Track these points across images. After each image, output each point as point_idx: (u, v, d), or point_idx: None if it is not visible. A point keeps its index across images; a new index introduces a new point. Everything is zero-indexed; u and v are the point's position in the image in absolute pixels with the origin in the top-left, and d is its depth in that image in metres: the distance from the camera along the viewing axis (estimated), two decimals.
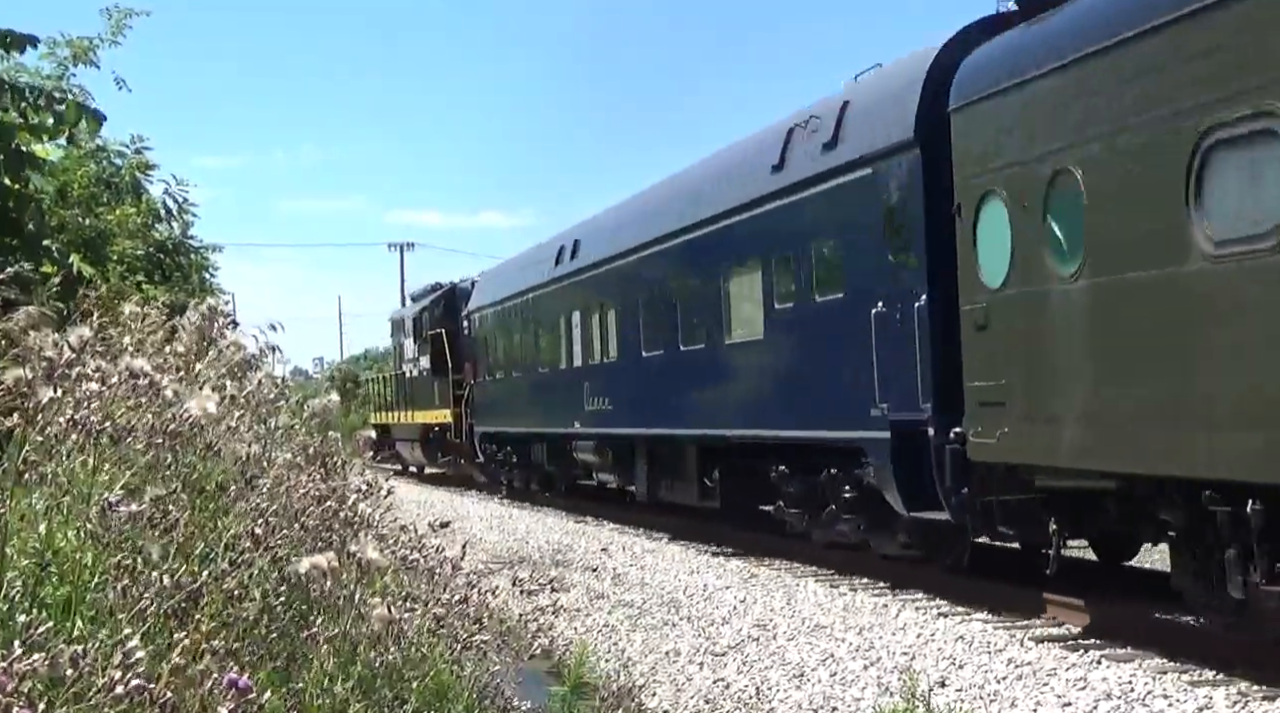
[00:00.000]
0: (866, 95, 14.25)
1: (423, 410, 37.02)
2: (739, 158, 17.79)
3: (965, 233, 11.68)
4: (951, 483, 11.94)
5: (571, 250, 24.74)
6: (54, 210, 12.29)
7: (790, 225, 15.41)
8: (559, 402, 25.00)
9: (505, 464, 30.33)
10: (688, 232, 18.70)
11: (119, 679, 2.85)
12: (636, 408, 20.95)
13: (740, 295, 17.04)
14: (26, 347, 3.72)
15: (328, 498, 5.00)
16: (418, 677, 4.99)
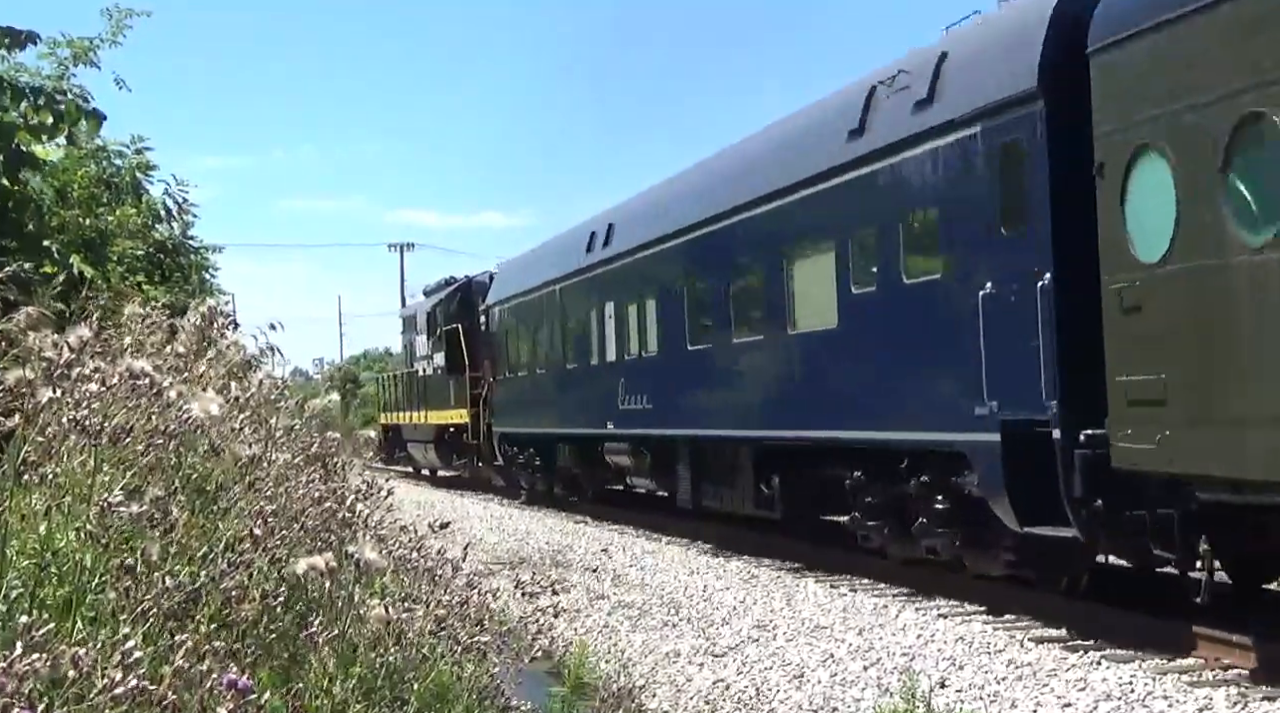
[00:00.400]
0: (969, 45, 12.54)
1: (437, 410, 35.39)
2: (805, 126, 15.90)
3: (1109, 197, 9.92)
4: (1083, 494, 10.28)
5: (604, 237, 22.78)
6: (54, 211, 12.28)
7: (872, 198, 13.60)
8: (589, 401, 23.24)
9: (527, 467, 28.25)
10: (741, 211, 16.86)
11: (119, 680, 2.85)
12: (680, 407, 19.12)
13: (808, 279, 15.17)
14: (26, 347, 3.72)
15: (327, 499, 5.00)
16: (418, 678, 4.99)
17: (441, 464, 36.87)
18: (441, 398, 34.69)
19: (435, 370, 35.52)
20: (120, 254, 13.84)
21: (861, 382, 13.98)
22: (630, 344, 21.46)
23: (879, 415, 13.51)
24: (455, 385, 33.11)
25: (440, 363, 34.57)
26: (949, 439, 12.18)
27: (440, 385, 34.87)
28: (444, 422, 34.56)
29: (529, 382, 27.45)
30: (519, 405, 28.26)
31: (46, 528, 3.87)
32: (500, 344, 29.58)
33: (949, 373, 12.14)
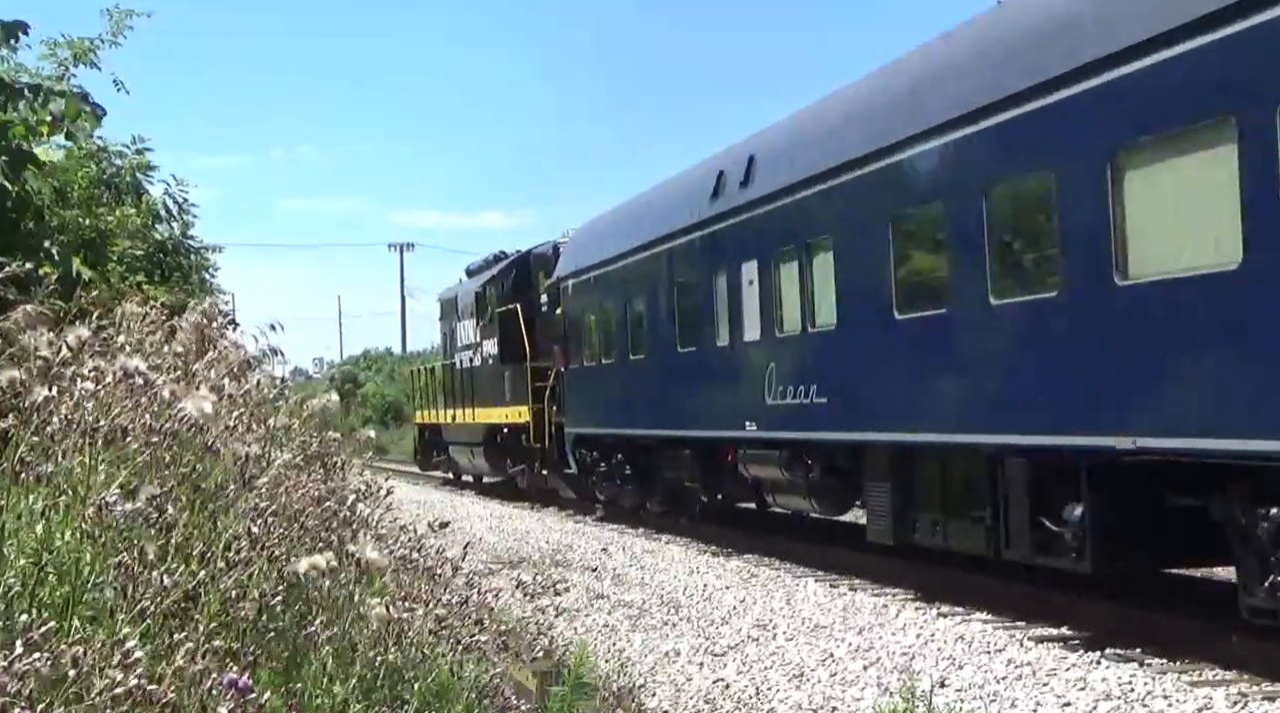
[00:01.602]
0: None
1: (487, 407, 29.65)
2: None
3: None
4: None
5: (741, 176, 16.83)
6: (54, 211, 12.29)
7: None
8: (714, 394, 17.76)
9: (611, 477, 22.64)
10: (1025, 100, 10.91)
11: (118, 680, 2.85)
12: (877, 401, 13.64)
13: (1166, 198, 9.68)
14: (22, 346, 3.71)
15: (327, 498, 5.00)
16: (418, 677, 4.98)
17: (491, 470, 30.97)
18: (493, 393, 29.06)
19: (485, 360, 30.06)
20: (120, 254, 13.84)
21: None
22: (785, 316, 15.74)
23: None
24: (512, 378, 27.62)
25: (492, 351, 29.25)
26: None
27: (492, 378, 29.31)
28: (497, 421, 28.91)
29: (617, 371, 21.57)
30: (601, 401, 22.59)
31: (44, 527, 3.87)
32: (574, 326, 23.65)
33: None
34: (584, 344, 23.36)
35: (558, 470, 25.48)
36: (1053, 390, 10.80)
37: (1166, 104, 9.42)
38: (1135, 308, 9.79)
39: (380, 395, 69.15)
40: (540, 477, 27.04)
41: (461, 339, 32.95)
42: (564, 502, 26.29)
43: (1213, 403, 9.17)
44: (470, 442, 31.66)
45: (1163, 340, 9.56)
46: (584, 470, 23.88)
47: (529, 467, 27.59)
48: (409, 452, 54.60)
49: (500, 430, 28.98)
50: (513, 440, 28.14)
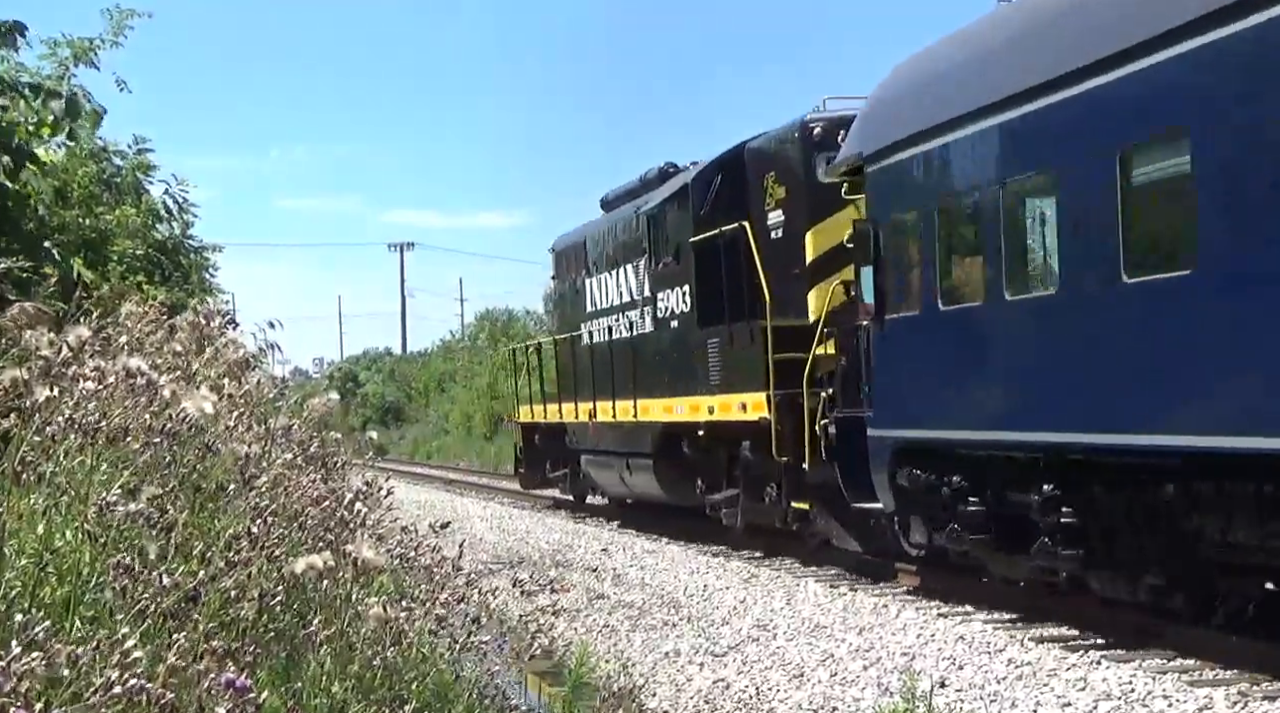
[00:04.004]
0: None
1: (667, 397, 19.05)
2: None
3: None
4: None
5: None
6: (54, 211, 12.30)
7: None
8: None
9: (981, 526, 11.85)
10: None
11: (117, 679, 2.85)
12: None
13: None
14: (23, 346, 3.72)
15: (326, 498, 5.00)
16: (417, 677, 4.99)
17: (668, 495, 19.81)
18: (680, 374, 18.51)
19: (663, 324, 19.34)
20: (120, 254, 13.85)
21: None
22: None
23: None
24: (726, 349, 17.11)
25: (677, 308, 18.74)
26: None
27: (678, 351, 18.74)
28: (686, 418, 18.38)
29: (997, 321, 11.53)
30: (959, 378, 12.20)
31: (45, 527, 3.88)
32: (891, 245, 13.21)
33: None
34: (915, 276, 12.84)
35: (825, 503, 15.04)
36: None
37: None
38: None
39: (380, 395, 69.15)
40: (785, 511, 15.84)
41: (599, 299, 22.48)
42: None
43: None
44: (627, 451, 20.89)
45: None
46: (912, 505, 13.00)
47: (756, 494, 16.59)
48: (411, 452, 54.95)
49: (695, 432, 18.12)
50: (723, 449, 17.57)
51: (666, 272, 19.14)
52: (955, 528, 12.07)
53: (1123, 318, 9.91)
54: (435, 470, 43.62)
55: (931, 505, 12.61)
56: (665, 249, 19.19)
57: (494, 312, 65.21)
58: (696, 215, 18.05)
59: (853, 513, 14.47)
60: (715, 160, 18.33)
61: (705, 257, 17.64)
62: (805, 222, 16.00)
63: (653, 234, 19.61)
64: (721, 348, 17.25)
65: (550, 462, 25.77)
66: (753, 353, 16.15)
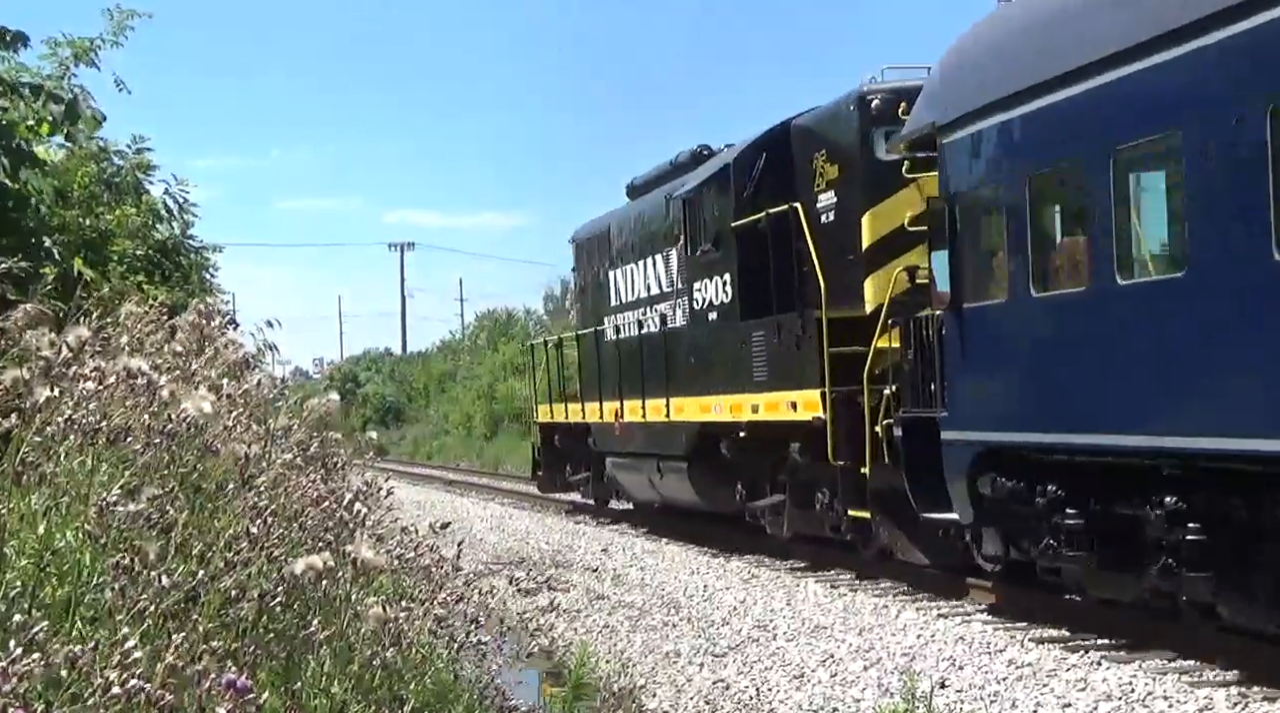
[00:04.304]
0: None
1: (705, 395, 17.65)
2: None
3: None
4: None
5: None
6: (54, 211, 12.29)
7: None
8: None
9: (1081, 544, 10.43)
10: None
11: (116, 680, 2.85)
12: None
13: None
14: (24, 346, 3.72)
15: (326, 499, 5.00)
16: (416, 677, 4.99)
17: (703, 501, 18.46)
18: (721, 370, 17.11)
19: (701, 316, 17.87)
20: (120, 254, 13.85)
21: None
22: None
23: None
24: (773, 342, 15.75)
25: (716, 299, 17.30)
26: None
27: (719, 345, 17.28)
28: (726, 418, 16.96)
29: (1104, 310, 10.05)
30: (1056, 374, 10.65)
31: (45, 528, 3.88)
32: (968, 223, 11.85)
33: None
34: (1002, 259, 11.34)
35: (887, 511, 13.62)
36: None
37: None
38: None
39: (380, 396, 69.14)
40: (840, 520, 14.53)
41: (625, 292, 21.09)
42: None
43: None
44: (658, 453, 19.40)
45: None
46: (993, 517, 11.55)
47: (804, 500, 15.39)
48: (411, 452, 54.97)
49: (731, 434, 16.88)
50: (753, 451, 16.47)
51: (704, 260, 17.61)
52: (1051, 543, 10.54)
53: (1272, 301, 8.42)
54: (435, 471, 43.62)
55: (1020, 518, 11.05)
56: (703, 236, 17.68)
57: (494, 312, 65.28)
58: (739, 198, 16.56)
59: (920, 523, 12.89)
60: (757, 139, 16.80)
61: (749, 243, 16.21)
62: (862, 203, 14.48)
63: (689, 220, 18.05)
64: (768, 342, 15.80)
65: (570, 464, 24.36)
66: (804, 347, 14.82)
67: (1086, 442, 10.22)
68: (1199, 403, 9.16)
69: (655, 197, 20.10)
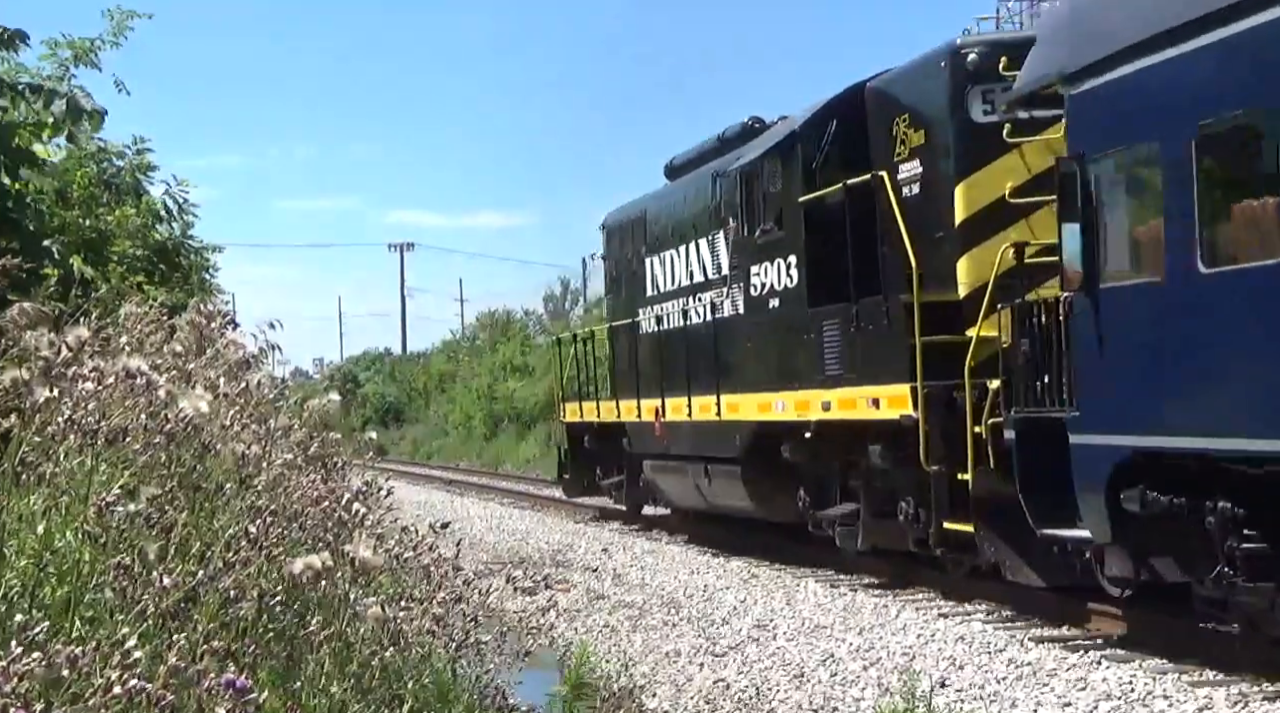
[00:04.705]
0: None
1: (764, 391, 15.82)
2: None
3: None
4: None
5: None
6: (55, 211, 12.29)
7: None
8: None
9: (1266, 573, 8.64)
10: None
11: (116, 680, 2.85)
12: None
13: None
14: (23, 346, 3.72)
15: (325, 498, 5.00)
16: (415, 677, 4.99)
17: (764, 510, 16.67)
18: (786, 363, 15.31)
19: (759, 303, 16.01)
20: (120, 254, 13.85)
21: None
22: None
23: None
24: (857, 329, 13.79)
25: (779, 284, 15.46)
26: None
27: (786, 334, 15.39)
28: (791, 416, 15.14)
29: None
30: (1237, 369, 8.78)
31: (45, 528, 3.88)
32: (1120, 198, 10.14)
33: None
34: (1155, 230, 9.56)
35: (993, 524, 11.75)
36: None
37: None
38: None
39: (380, 396, 69.13)
40: (932, 532, 12.70)
41: (664, 280, 19.39)
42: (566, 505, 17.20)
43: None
44: (706, 456, 17.60)
45: None
46: (1142, 536, 9.73)
47: (882, 509, 13.72)
48: (411, 452, 54.97)
49: (795, 434, 15.09)
50: (822, 454, 14.76)
51: (764, 241, 15.75)
52: (1226, 571, 8.77)
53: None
54: (435, 471, 43.61)
55: (1181, 537, 9.26)
56: (762, 214, 15.82)
57: (494, 312, 65.27)
58: (808, 171, 14.83)
59: (1035, 539, 10.91)
60: (826, 105, 15.06)
61: (819, 220, 14.52)
62: (955, 172, 12.76)
63: (746, 197, 16.18)
64: (843, 331, 13.94)
65: (601, 467, 22.50)
66: (890, 336, 13.04)
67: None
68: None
69: (699, 176, 18.45)
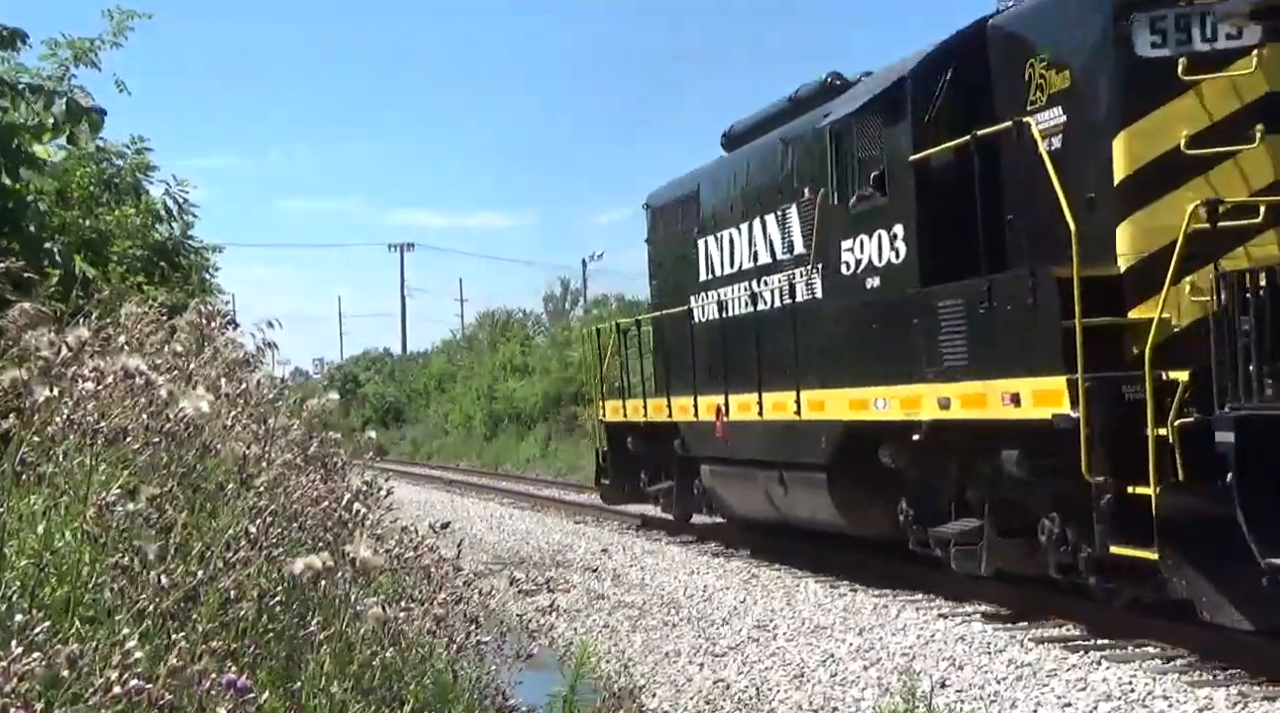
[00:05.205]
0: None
1: (859, 385, 13.45)
2: None
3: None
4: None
5: None
6: (55, 211, 12.29)
7: None
8: None
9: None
10: None
11: (116, 680, 2.85)
12: None
13: None
14: (23, 346, 3.72)
15: (325, 498, 5.00)
16: (416, 677, 4.99)
17: (855, 524, 14.50)
18: (889, 352, 12.96)
19: (858, 280, 13.63)
20: (120, 254, 13.85)
21: None
22: None
23: None
24: (990, 309, 11.22)
25: (885, 257, 13.10)
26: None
27: (890, 318, 13.01)
28: (907, 416, 12.55)
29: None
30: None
31: (45, 528, 3.88)
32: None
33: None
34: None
35: (1186, 549, 9.48)
36: None
37: None
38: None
39: (380, 396, 69.15)
40: (1089, 557, 10.52)
41: (723, 262, 17.29)
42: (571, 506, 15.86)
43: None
44: (781, 460, 15.33)
45: None
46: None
47: (1012, 526, 11.73)
48: (411, 452, 54.99)
49: (899, 436, 12.79)
50: (933, 460, 12.60)
51: (859, 211, 13.49)
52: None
53: None
54: (435, 471, 43.62)
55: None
56: (856, 179, 13.54)
57: (494, 312, 65.32)
58: (918, 125, 12.58)
59: (1244, 571, 8.95)
60: (940, 48, 12.79)
61: (935, 181, 12.41)
62: (1114, 120, 10.69)
63: (836, 159, 13.84)
64: (970, 313, 11.49)
65: (646, 471, 20.25)
66: (1036, 318, 10.63)
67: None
68: None
69: (765, 144, 16.25)
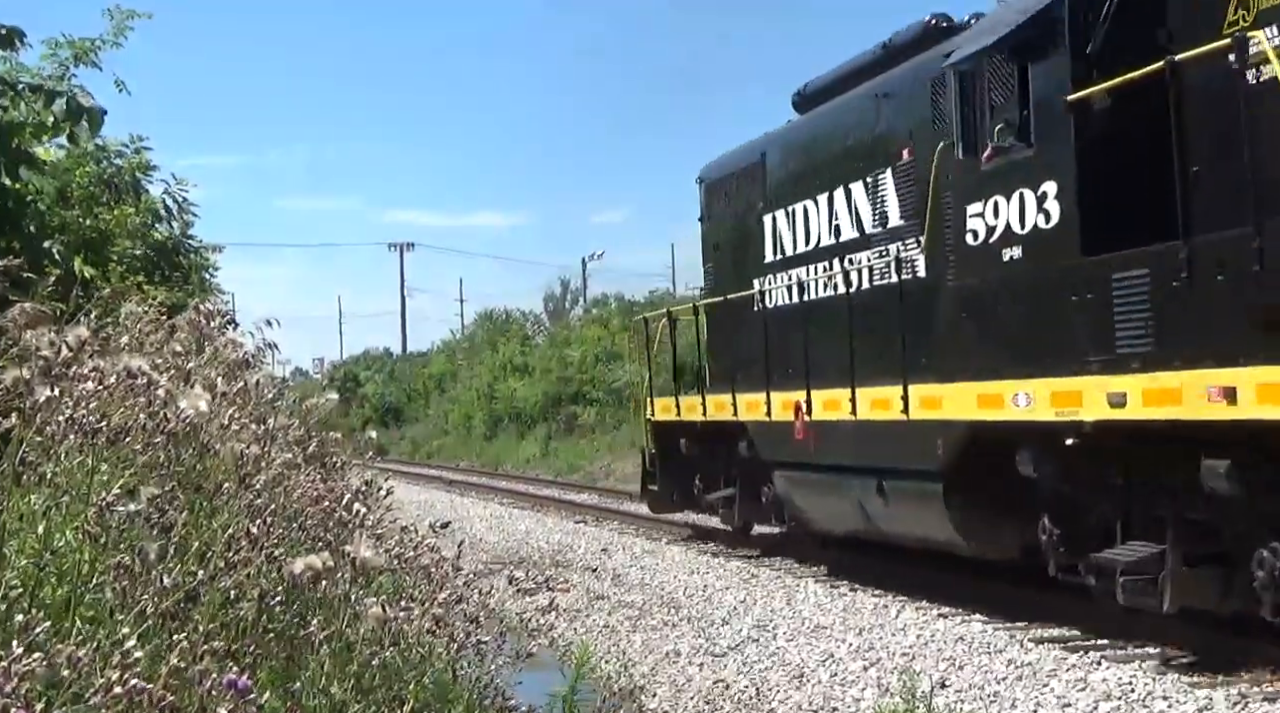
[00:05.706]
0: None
1: (986, 379, 11.07)
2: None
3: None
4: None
5: None
6: (55, 211, 12.29)
7: None
8: None
9: None
10: None
11: (117, 680, 2.85)
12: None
13: None
14: (24, 346, 3.72)
15: (325, 498, 5.00)
16: (416, 677, 4.98)
17: (977, 543, 12.10)
18: (1033, 337, 10.58)
19: (990, 252, 11.09)
20: (120, 254, 13.86)
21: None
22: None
23: None
24: (1189, 281, 8.75)
25: (1029, 222, 10.51)
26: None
27: (1035, 296, 10.58)
28: (1056, 416, 10.15)
29: None
30: None
31: (45, 528, 3.88)
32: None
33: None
34: None
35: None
36: None
37: None
38: None
39: (380, 396, 69.13)
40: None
41: (796, 239, 15.27)
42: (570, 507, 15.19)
43: None
44: (880, 467, 13.27)
45: None
46: None
47: (1199, 554, 9.46)
48: (411, 452, 54.96)
49: (1042, 440, 10.65)
50: (1086, 471, 10.41)
51: (993, 167, 11.14)
52: None
53: None
54: (435, 471, 43.61)
55: None
56: (987, 130, 11.25)
57: (493, 311, 65.35)
58: (1078, 58, 10.25)
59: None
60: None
61: (1103, 126, 10.07)
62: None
63: (961, 107, 11.53)
64: (1156, 286, 9.23)
65: (703, 477, 18.07)
66: (1262, 290, 8.31)
67: None
68: None
69: (852, 100, 14.19)
